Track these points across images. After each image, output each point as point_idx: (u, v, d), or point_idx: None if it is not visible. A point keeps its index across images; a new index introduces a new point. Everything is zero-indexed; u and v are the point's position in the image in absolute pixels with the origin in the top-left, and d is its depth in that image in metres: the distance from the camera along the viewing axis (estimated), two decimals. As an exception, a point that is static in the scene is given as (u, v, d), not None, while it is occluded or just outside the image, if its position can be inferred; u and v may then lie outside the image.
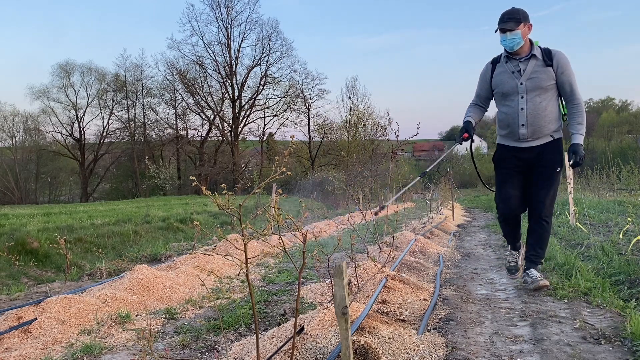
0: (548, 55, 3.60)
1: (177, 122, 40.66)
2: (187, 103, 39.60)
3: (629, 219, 5.83)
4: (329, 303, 2.98)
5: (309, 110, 40.95)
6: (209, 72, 39.19)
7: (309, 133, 41.52)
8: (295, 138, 34.46)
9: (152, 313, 3.71)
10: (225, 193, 1.70)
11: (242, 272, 1.73)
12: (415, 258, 5.41)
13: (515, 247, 4.16)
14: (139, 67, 39.83)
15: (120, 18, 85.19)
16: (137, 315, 3.63)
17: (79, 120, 40.13)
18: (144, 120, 40.03)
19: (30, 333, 3.10)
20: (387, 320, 2.92)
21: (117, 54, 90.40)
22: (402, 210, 12.58)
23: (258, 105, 40.75)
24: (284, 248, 1.82)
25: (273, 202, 1.81)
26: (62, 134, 40.10)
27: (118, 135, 41.05)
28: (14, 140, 38.71)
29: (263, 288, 4.50)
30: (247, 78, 39.64)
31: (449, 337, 2.79)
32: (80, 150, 39.96)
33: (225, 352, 2.71)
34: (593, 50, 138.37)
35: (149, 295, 4.04)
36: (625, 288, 3.59)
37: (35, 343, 2.97)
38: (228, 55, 38.71)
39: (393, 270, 4.26)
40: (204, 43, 40.68)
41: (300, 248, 2.05)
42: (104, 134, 40.43)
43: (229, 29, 38.32)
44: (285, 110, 40.39)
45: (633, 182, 9.86)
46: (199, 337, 3.07)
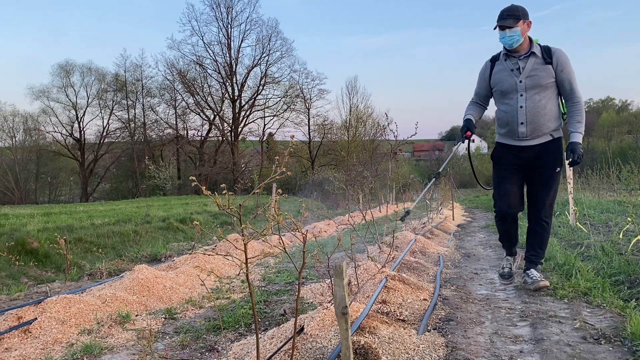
0: (547, 53, 3.57)
1: (177, 122, 40.73)
2: (187, 103, 39.67)
3: (629, 219, 5.83)
4: (329, 303, 2.98)
5: (309, 110, 41.02)
6: (209, 72, 39.26)
7: (309, 133, 41.59)
8: (295, 138, 34.51)
9: (152, 313, 3.71)
10: (225, 193, 1.70)
11: (242, 272, 1.73)
12: (415, 258, 5.41)
13: (511, 252, 4.11)
14: (139, 67, 39.92)
15: (120, 18, 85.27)
16: (137, 315, 3.63)
17: (79, 120, 40.20)
18: (144, 120, 40.08)
19: (30, 333, 3.10)
20: (387, 320, 2.92)
21: (117, 54, 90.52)
22: (402, 210, 12.56)
23: (258, 105, 40.83)
24: (284, 248, 1.82)
25: (273, 202, 1.81)
26: (62, 134, 40.18)
27: (118, 135, 41.09)
28: (14, 140, 38.78)
29: (263, 288, 4.50)
30: (247, 78, 39.72)
31: (449, 337, 2.79)
32: (80, 150, 39.98)
33: (225, 352, 2.71)
34: (593, 50, 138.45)
35: (149, 295, 4.04)
36: (625, 288, 3.59)
37: (35, 343, 2.97)
38: (228, 55, 38.77)
39: (393, 270, 4.26)
40: (204, 43, 40.76)
41: (300, 248, 2.05)
42: (104, 134, 40.48)
43: (229, 29, 38.38)
44: (285, 110, 40.45)
45: (633, 182, 9.87)
46: (199, 337, 3.07)
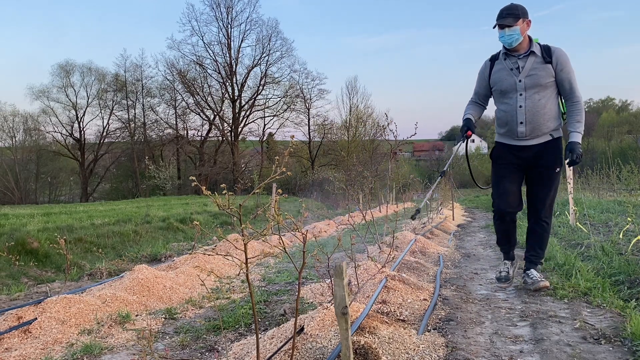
0: (547, 52, 3.55)
1: (177, 122, 40.72)
2: (187, 103, 39.66)
3: (629, 219, 5.83)
4: (329, 303, 2.98)
5: (309, 110, 41.02)
6: (209, 72, 39.25)
7: (309, 133, 41.58)
8: (295, 138, 34.52)
9: (152, 313, 3.71)
10: (225, 193, 1.70)
11: (242, 272, 1.73)
12: (415, 258, 5.41)
13: (509, 256, 4.03)
14: (139, 67, 39.90)
15: (120, 18, 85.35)
16: (137, 315, 3.63)
17: (79, 120, 40.19)
18: (144, 120, 40.07)
19: (30, 333, 3.10)
20: (387, 320, 2.92)
21: (117, 54, 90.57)
22: (402, 210, 12.58)
23: (258, 105, 40.82)
24: (284, 248, 1.82)
25: (273, 202, 1.81)
26: (62, 134, 40.17)
27: (118, 135, 41.09)
28: (14, 140, 38.78)
29: (263, 288, 4.50)
30: (247, 78, 39.71)
31: (449, 337, 2.79)
32: (80, 150, 39.97)
33: (225, 352, 2.71)
34: (593, 50, 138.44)
35: (149, 295, 4.04)
36: (625, 288, 3.59)
37: (35, 343, 2.97)
38: (228, 55, 38.76)
39: (393, 270, 4.26)
40: (204, 43, 40.73)
41: (300, 248, 2.05)
42: (104, 134, 40.48)
43: (229, 29, 38.37)
44: (285, 110, 40.45)
45: (633, 182, 9.87)
46: (199, 337, 3.07)
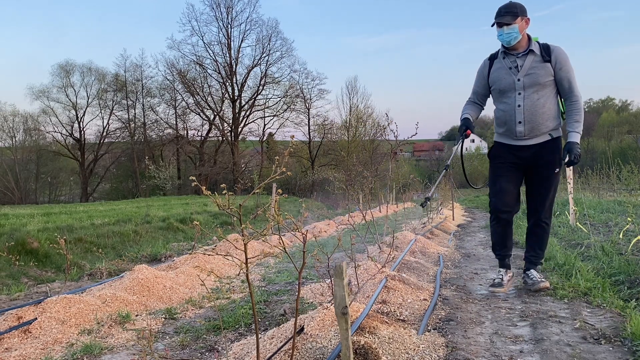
0: (546, 51, 3.52)
1: (177, 122, 40.74)
2: (187, 103, 39.69)
3: (629, 219, 5.84)
4: (329, 303, 2.98)
5: (309, 110, 41.02)
6: (209, 72, 39.28)
7: (309, 133, 41.59)
8: (295, 138, 34.50)
9: (152, 313, 3.71)
10: (225, 193, 1.70)
11: (242, 272, 1.73)
12: (415, 258, 5.41)
13: (504, 264, 3.87)
14: (139, 67, 39.94)
15: (120, 18, 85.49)
16: (137, 315, 3.63)
17: (79, 120, 40.22)
18: (144, 120, 40.09)
19: (30, 333, 3.10)
20: (387, 320, 2.92)
21: (117, 54, 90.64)
22: (402, 210, 12.58)
23: (258, 105, 40.84)
24: (284, 248, 1.82)
25: (273, 202, 1.81)
26: (62, 134, 40.20)
27: (118, 135, 41.11)
28: (14, 140, 38.80)
29: (263, 288, 4.50)
30: (247, 78, 39.73)
31: (449, 337, 2.79)
32: (80, 150, 39.99)
33: (225, 352, 2.71)
34: (593, 50, 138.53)
35: (149, 295, 4.04)
36: (625, 288, 3.59)
37: (35, 343, 2.97)
38: (228, 55, 38.78)
39: (393, 270, 4.26)
40: (204, 43, 40.82)
41: (300, 248, 2.05)
42: (104, 134, 40.50)
43: (229, 29, 38.39)
44: (285, 110, 40.46)
45: (633, 182, 9.88)
46: (199, 337, 3.07)
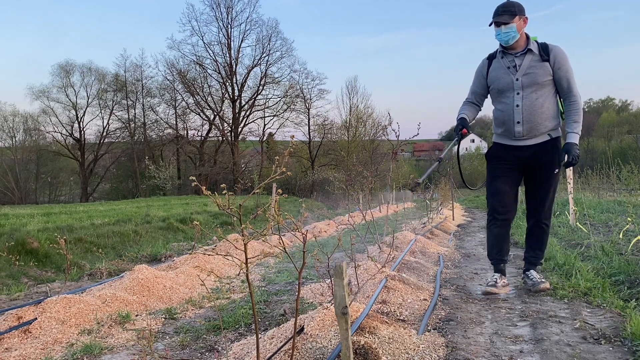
0: (545, 50, 3.49)
1: (177, 122, 40.71)
2: (187, 103, 39.66)
3: (629, 219, 5.84)
4: (329, 303, 2.98)
5: (309, 110, 40.98)
6: (209, 72, 39.24)
7: (309, 133, 41.54)
8: (295, 138, 34.52)
9: (152, 313, 3.71)
10: (225, 193, 1.70)
11: (242, 272, 1.73)
12: (415, 258, 5.41)
13: (499, 268, 3.76)
14: (139, 67, 39.90)
15: (120, 18, 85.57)
16: (137, 315, 3.63)
17: (79, 120, 40.21)
18: (144, 120, 40.07)
19: (30, 333, 3.10)
20: (387, 320, 2.92)
21: (117, 54, 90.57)
22: (402, 210, 12.58)
23: (258, 105, 40.80)
24: (284, 248, 1.82)
25: (273, 202, 1.81)
26: (62, 134, 40.19)
27: (118, 135, 41.09)
28: (14, 140, 38.79)
29: (263, 288, 4.50)
30: (247, 78, 39.69)
31: (449, 337, 2.79)
32: (80, 150, 39.98)
33: (225, 352, 2.71)
34: (593, 50, 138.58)
35: (149, 295, 4.04)
36: (625, 288, 3.59)
37: (35, 343, 2.97)
38: (228, 55, 38.75)
39: (393, 270, 4.26)
40: (204, 43, 40.78)
41: (300, 248, 2.05)
42: (104, 134, 40.48)
43: (229, 29, 38.35)
44: (285, 110, 40.42)
45: (633, 182, 9.88)
46: (199, 337, 3.07)
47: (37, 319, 3.20)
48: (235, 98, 39.41)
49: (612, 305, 3.19)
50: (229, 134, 39.29)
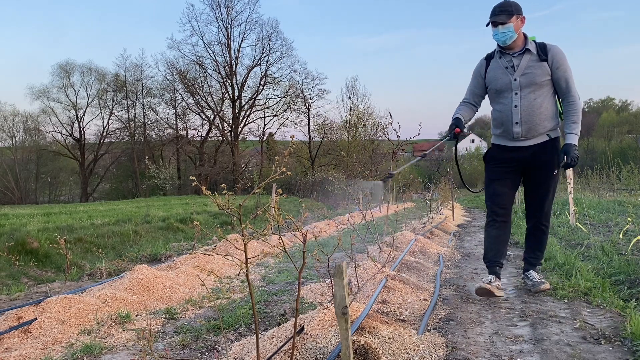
0: (543, 50, 3.46)
1: (177, 122, 40.69)
2: (187, 103, 39.64)
3: (629, 219, 5.84)
4: (329, 303, 2.98)
5: (309, 110, 40.97)
6: (209, 72, 39.22)
7: (309, 133, 41.54)
8: (295, 138, 34.50)
9: (152, 313, 3.71)
10: (225, 193, 1.70)
11: (242, 272, 1.73)
12: (415, 258, 5.41)
13: (494, 271, 3.68)
14: (139, 67, 39.86)
15: (120, 18, 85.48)
16: (137, 315, 3.63)
17: (79, 120, 40.19)
18: (144, 120, 40.05)
19: (30, 333, 3.10)
20: (387, 320, 2.92)
21: (117, 54, 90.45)
22: (402, 210, 12.58)
23: (258, 105, 40.79)
24: (284, 248, 1.82)
25: (273, 202, 1.81)
26: (62, 134, 40.17)
27: (118, 135, 41.08)
28: (14, 140, 38.78)
29: (263, 288, 4.50)
30: (247, 78, 39.68)
31: (449, 337, 2.79)
32: (80, 150, 39.98)
33: (225, 352, 2.71)
34: (593, 50, 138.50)
35: (149, 295, 4.05)
36: (625, 288, 3.59)
37: (35, 343, 2.97)
38: (228, 55, 38.74)
39: (393, 270, 4.26)
40: (204, 43, 40.70)
41: (300, 248, 2.05)
42: (104, 134, 40.47)
43: (229, 29, 38.34)
44: (285, 110, 40.41)
45: (633, 182, 9.88)
46: (199, 337, 3.07)
47: (37, 319, 3.20)
48: (235, 98, 39.42)
49: (612, 305, 3.20)
50: (229, 134, 39.29)
